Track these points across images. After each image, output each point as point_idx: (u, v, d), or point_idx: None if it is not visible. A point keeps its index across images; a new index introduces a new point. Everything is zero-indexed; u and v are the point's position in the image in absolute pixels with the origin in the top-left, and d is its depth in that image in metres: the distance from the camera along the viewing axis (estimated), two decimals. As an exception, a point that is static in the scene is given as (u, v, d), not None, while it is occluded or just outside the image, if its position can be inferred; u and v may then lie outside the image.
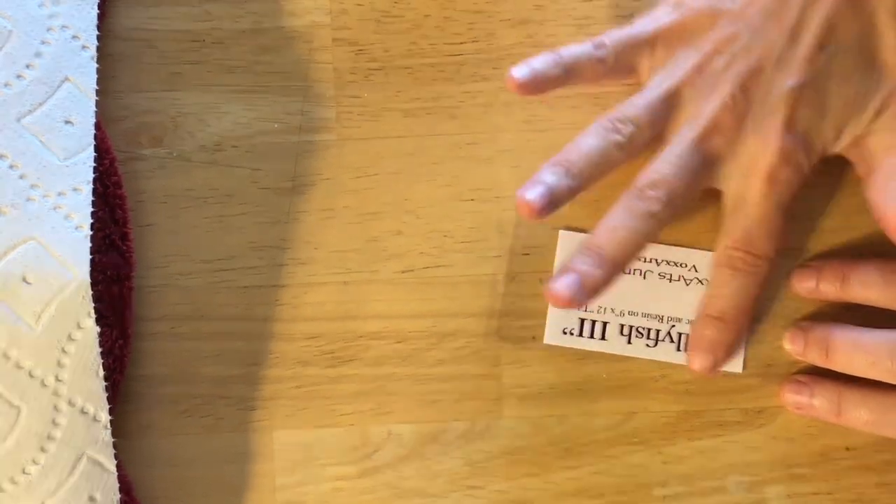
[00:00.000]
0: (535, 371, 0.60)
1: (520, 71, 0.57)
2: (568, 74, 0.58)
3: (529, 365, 0.60)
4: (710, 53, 0.57)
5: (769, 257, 0.58)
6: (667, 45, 0.58)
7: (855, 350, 0.58)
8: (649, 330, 0.61)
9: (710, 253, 0.61)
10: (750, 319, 0.59)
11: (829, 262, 0.60)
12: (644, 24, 0.59)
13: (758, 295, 0.59)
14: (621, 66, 0.59)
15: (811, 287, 0.60)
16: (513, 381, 0.60)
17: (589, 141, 0.57)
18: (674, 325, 0.61)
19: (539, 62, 0.58)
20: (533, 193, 0.56)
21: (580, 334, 0.61)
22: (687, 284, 0.61)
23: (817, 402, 0.59)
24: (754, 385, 0.61)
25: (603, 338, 0.61)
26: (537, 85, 0.58)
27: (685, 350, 0.60)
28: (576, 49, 0.58)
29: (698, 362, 0.59)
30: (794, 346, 0.60)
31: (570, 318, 0.61)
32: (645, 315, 0.61)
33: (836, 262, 0.60)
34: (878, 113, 0.57)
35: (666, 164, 0.56)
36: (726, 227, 0.58)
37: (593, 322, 0.61)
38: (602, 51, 0.58)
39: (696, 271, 0.61)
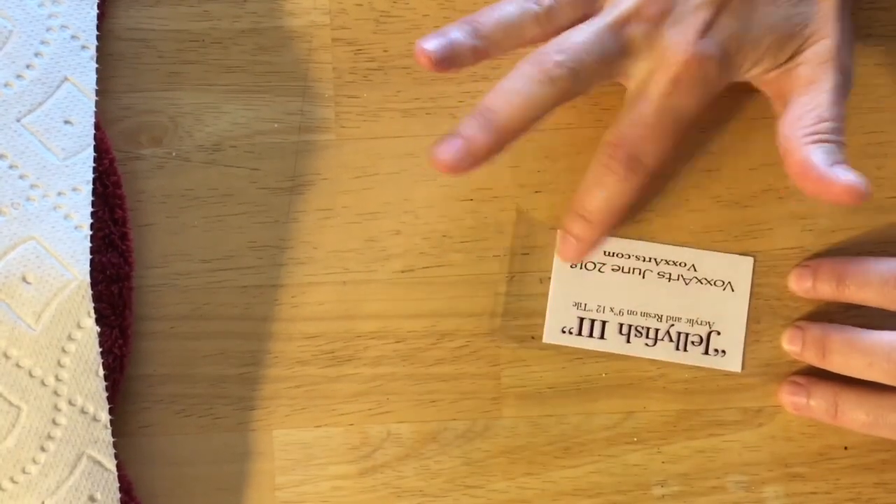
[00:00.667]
0: (534, 371, 0.61)
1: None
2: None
3: (528, 365, 0.61)
4: None
5: (648, 165, 0.56)
6: None
7: (852, 351, 0.58)
8: (648, 329, 0.61)
9: (710, 253, 0.61)
10: (619, 219, 0.58)
11: (826, 261, 0.60)
12: None
13: (629, 202, 0.57)
14: None
15: (808, 287, 0.60)
16: (512, 381, 0.60)
17: (505, 6, 0.56)
18: (673, 325, 0.61)
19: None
20: (433, 44, 0.55)
21: (579, 333, 0.61)
22: (686, 284, 0.61)
23: (814, 403, 0.59)
24: (753, 384, 0.61)
25: (602, 337, 0.61)
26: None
27: (684, 349, 0.60)
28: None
29: (562, 255, 0.59)
30: (791, 346, 0.60)
31: (570, 317, 0.61)
32: (644, 314, 0.61)
33: (832, 261, 0.60)
34: (801, 48, 0.56)
35: (579, 34, 0.55)
36: (617, 119, 0.57)
37: (592, 321, 0.61)
38: None
39: (695, 270, 0.61)
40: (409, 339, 0.60)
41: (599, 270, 0.61)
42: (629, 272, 0.61)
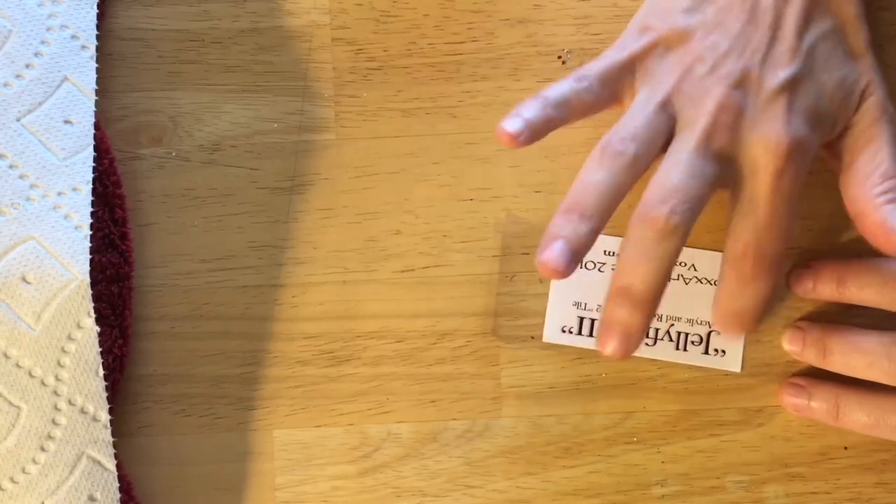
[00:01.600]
0: (533, 370, 0.61)
1: (513, 124, 0.55)
2: (560, 114, 0.56)
3: (528, 364, 0.61)
4: (692, 62, 0.56)
5: (778, 261, 0.55)
6: (645, 67, 0.56)
7: (852, 351, 0.58)
8: (648, 328, 0.60)
9: (710, 252, 0.61)
10: (764, 317, 0.57)
11: (826, 262, 0.60)
12: (617, 52, 0.57)
13: (772, 298, 0.56)
14: (606, 95, 0.57)
15: (808, 288, 0.60)
16: (511, 381, 0.60)
17: (595, 176, 0.54)
18: (673, 324, 0.61)
19: (529, 110, 0.55)
20: (554, 253, 0.53)
21: (579, 333, 0.61)
22: (686, 283, 0.61)
23: (815, 404, 0.59)
24: (753, 385, 0.61)
25: (602, 336, 0.61)
26: (533, 134, 0.55)
27: (684, 349, 0.60)
28: (560, 87, 0.56)
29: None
30: (792, 347, 0.60)
31: (570, 316, 0.61)
32: (644, 313, 0.61)
33: (832, 262, 0.60)
34: (859, 104, 0.56)
35: (674, 175, 0.54)
36: (735, 229, 0.56)
37: (592, 321, 0.61)
38: (585, 83, 0.56)
39: (695, 270, 0.61)
40: (408, 338, 0.60)
41: (599, 270, 0.61)
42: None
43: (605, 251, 0.61)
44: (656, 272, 0.54)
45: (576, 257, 0.53)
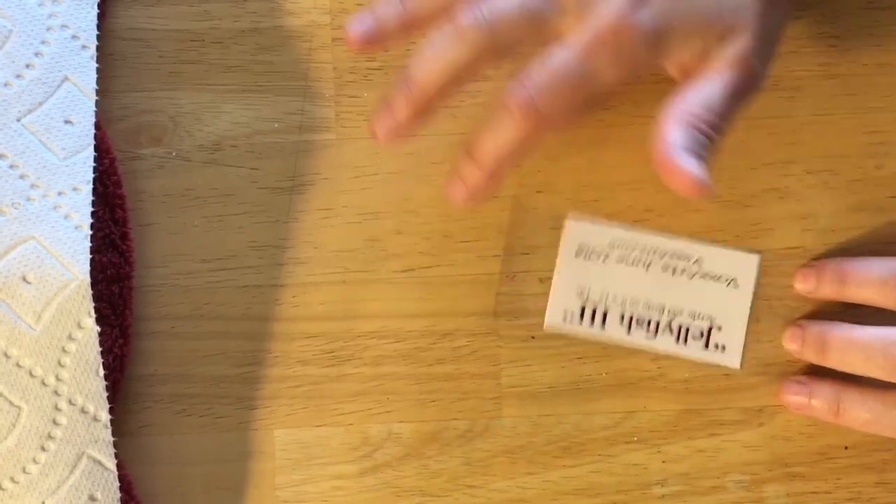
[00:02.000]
0: (534, 370, 0.61)
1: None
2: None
3: (528, 364, 0.61)
4: None
5: (545, 118, 0.53)
6: None
7: (849, 346, 0.58)
8: (649, 320, 0.60)
9: (716, 248, 0.60)
10: (507, 169, 0.55)
11: (829, 262, 0.60)
12: None
13: (518, 151, 0.54)
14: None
15: (811, 288, 0.60)
16: (512, 381, 0.60)
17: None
18: (674, 318, 0.60)
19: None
20: (359, 26, 0.55)
21: (580, 321, 0.60)
22: (690, 279, 0.61)
23: (816, 402, 0.59)
24: (753, 384, 0.61)
25: (603, 326, 0.60)
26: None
27: (684, 342, 0.60)
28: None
29: (451, 196, 0.56)
30: (792, 345, 0.60)
31: (572, 304, 0.60)
32: (646, 305, 0.60)
33: (835, 262, 0.60)
34: (722, 39, 0.54)
35: None
36: (528, 67, 0.53)
37: (594, 309, 0.60)
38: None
39: (700, 265, 0.61)
40: (409, 338, 0.60)
41: (604, 261, 0.61)
42: (634, 264, 0.61)
43: (609, 243, 0.60)
44: (446, 74, 0.54)
45: (378, 32, 0.54)
